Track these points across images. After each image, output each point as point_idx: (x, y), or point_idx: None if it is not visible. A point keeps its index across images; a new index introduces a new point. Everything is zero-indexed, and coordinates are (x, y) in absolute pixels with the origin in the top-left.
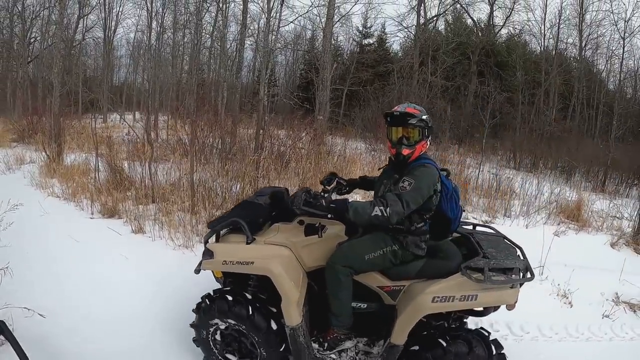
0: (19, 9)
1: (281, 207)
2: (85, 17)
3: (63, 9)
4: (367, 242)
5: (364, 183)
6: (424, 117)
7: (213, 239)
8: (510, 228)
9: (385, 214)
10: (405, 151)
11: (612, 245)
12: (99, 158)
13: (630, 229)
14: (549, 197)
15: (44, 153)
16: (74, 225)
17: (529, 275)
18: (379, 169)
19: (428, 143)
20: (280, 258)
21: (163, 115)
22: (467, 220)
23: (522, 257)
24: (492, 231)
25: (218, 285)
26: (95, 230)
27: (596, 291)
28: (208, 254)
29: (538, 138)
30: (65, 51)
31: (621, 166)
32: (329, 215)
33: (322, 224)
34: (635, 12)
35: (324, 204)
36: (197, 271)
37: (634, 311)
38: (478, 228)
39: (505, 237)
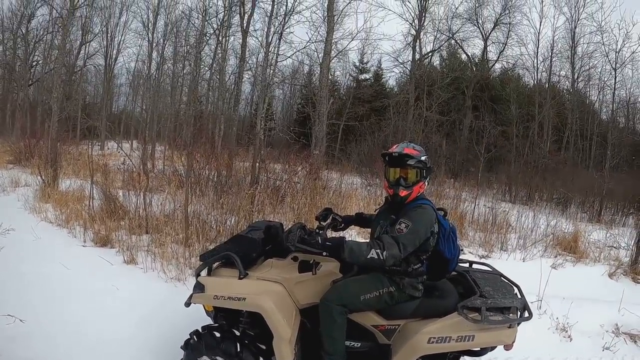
0: (23, 31)
1: (275, 242)
2: (88, 44)
3: (66, 34)
4: (363, 282)
5: (359, 220)
6: (422, 157)
7: (205, 272)
8: (507, 262)
9: (382, 257)
10: (403, 192)
11: (610, 275)
12: (94, 186)
13: (628, 259)
14: (546, 230)
15: (39, 177)
16: (65, 252)
17: (526, 314)
18: (375, 209)
19: (426, 184)
20: (273, 294)
21: (160, 145)
22: (462, 258)
23: (519, 296)
24: (488, 269)
25: (208, 320)
26: (87, 258)
27: (595, 323)
28: (199, 287)
29: (533, 170)
30: (67, 76)
31: (617, 195)
32: (324, 253)
33: (317, 261)
34: (625, 42)
35: (319, 241)
36: (188, 304)
37: (635, 342)
38: (474, 265)
39: (502, 275)
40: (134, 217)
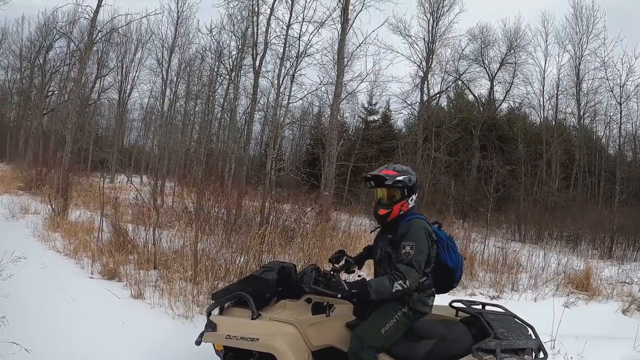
0: (40, 61)
1: (289, 283)
2: (103, 78)
3: (82, 67)
4: (377, 318)
5: (369, 254)
6: (400, 177)
7: (217, 311)
8: (519, 302)
9: (406, 286)
10: (382, 211)
11: (624, 312)
12: (104, 218)
13: None
14: (557, 268)
15: (49, 205)
16: (72, 283)
17: (542, 355)
18: (372, 231)
19: (410, 202)
20: (286, 336)
21: (170, 181)
22: (475, 299)
23: (534, 337)
24: (502, 310)
25: (215, 358)
26: (94, 290)
27: None
28: (211, 326)
29: (542, 209)
30: (81, 108)
31: (627, 230)
32: (338, 295)
33: (330, 303)
34: (630, 76)
35: (345, 287)
36: (198, 342)
37: None
38: (487, 307)
39: (515, 316)
40: (142, 252)
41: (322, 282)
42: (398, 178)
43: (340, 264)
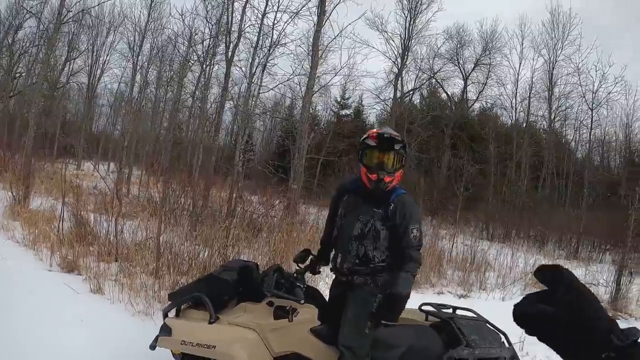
0: (9, 41)
1: (250, 284)
2: (73, 61)
3: (50, 49)
4: (358, 316)
5: (328, 245)
6: (405, 144)
7: (173, 312)
8: (487, 301)
9: (418, 268)
10: (388, 178)
11: None
12: (65, 207)
13: (608, 295)
14: (524, 268)
15: (10, 193)
16: (30, 276)
17: None
18: (333, 197)
19: None
20: (246, 342)
21: (138, 170)
22: (445, 302)
23: (507, 344)
24: (473, 315)
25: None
26: (52, 284)
27: None
28: (165, 330)
29: (511, 208)
30: (49, 92)
31: (593, 233)
32: (301, 301)
33: (294, 307)
34: (602, 83)
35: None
36: (153, 347)
37: None
38: (458, 311)
39: (488, 322)
40: (104, 244)
41: (285, 285)
42: (405, 144)
43: (306, 264)
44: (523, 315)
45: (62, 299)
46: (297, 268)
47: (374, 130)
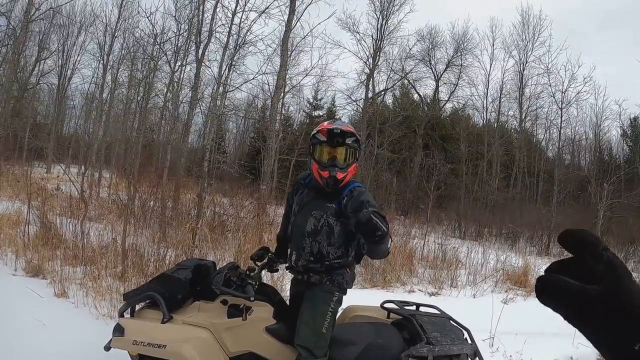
0: None
1: (205, 283)
2: (43, 61)
3: (18, 48)
4: (314, 314)
5: (284, 240)
6: (358, 136)
7: (128, 312)
8: (457, 299)
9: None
10: (340, 175)
11: None
12: (32, 210)
13: None
14: (495, 265)
15: None
16: None
17: None
18: (289, 193)
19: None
20: (197, 341)
21: (109, 172)
22: (409, 300)
23: (470, 341)
24: (436, 311)
25: None
26: (15, 289)
27: (550, 358)
28: (118, 330)
29: (482, 207)
30: (19, 93)
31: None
32: (251, 298)
33: (248, 305)
34: (571, 83)
35: (252, 294)
36: (107, 349)
37: None
38: (422, 308)
39: (451, 318)
40: (69, 247)
41: (236, 282)
42: (358, 137)
43: (263, 262)
44: (545, 287)
45: (25, 303)
46: (255, 264)
47: (325, 124)
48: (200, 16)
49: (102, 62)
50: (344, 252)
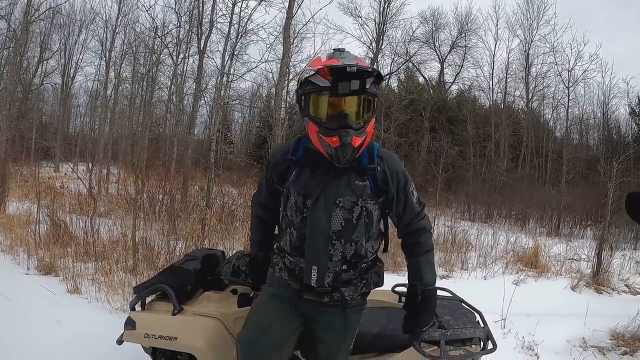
0: None
1: (214, 272)
2: (46, 62)
3: (19, 49)
4: (347, 335)
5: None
6: (380, 72)
7: (139, 305)
8: (468, 281)
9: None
10: (357, 140)
11: (573, 288)
12: (42, 209)
13: (590, 270)
14: (506, 246)
15: None
16: (7, 280)
17: (490, 345)
18: (267, 180)
19: None
20: (208, 331)
21: (116, 168)
22: None
23: (482, 324)
24: (448, 294)
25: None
26: (29, 287)
27: (562, 339)
28: (130, 324)
29: (491, 188)
30: (23, 95)
31: (574, 209)
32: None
33: (257, 293)
34: (577, 61)
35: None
36: (120, 342)
37: (603, 354)
38: None
39: (462, 301)
40: (80, 243)
41: (245, 271)
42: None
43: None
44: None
45: (39, 301)
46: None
47: (324, 58)
48: (201, 7)
49: (104, 59)
50: (380, 240)
